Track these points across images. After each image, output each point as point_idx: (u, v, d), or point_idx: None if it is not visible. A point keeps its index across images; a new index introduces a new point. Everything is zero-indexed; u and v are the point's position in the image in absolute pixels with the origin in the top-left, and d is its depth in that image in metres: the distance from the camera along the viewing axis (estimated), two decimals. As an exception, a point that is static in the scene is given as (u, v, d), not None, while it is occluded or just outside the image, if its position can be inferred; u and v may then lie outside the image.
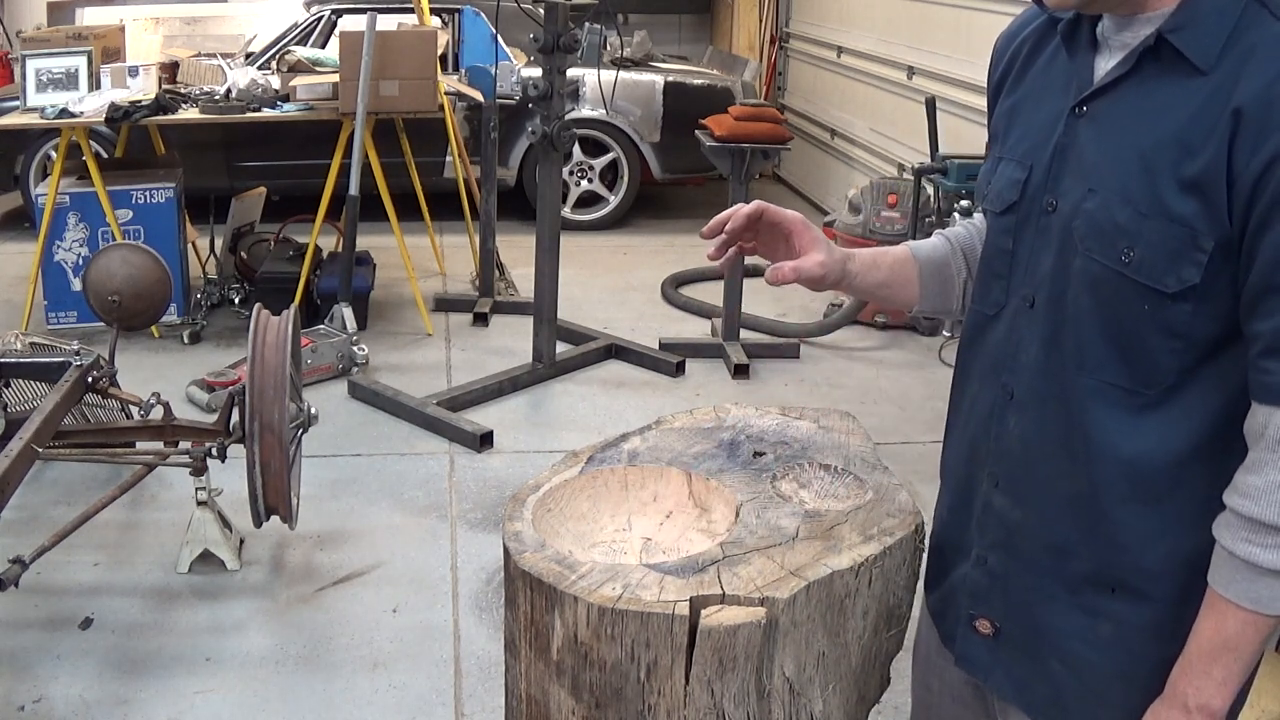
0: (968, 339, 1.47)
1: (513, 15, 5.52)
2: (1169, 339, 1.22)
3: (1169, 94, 1.21)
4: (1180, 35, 1.20)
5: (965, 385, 1.47)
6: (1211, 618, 1.24)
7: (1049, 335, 1.31)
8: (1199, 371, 1.23)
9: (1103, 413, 1.27)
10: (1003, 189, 1.37)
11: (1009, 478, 1.38)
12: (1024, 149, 1.36)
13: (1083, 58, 1.31)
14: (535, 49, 4.60)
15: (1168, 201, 1.19)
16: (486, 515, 3.87)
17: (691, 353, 5.29)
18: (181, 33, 7.08)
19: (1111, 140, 1.25)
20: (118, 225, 5.31)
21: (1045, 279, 1.31)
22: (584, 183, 7.53)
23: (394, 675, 3.04)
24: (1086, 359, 1.27)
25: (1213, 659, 1.24)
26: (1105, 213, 1.23)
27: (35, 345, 4.04)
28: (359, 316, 5.38)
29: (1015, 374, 1.36)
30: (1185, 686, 1.26)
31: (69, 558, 3.45)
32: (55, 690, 2.93)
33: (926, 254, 1.57)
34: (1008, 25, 1.48)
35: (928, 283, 1.56)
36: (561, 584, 1.31)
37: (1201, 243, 1.18)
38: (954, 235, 1.59)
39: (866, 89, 7.33)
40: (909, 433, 4.49)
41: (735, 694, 1.30)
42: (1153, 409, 1.25)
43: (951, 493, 1.51)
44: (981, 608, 1.44)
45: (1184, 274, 1.19)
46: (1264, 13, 1.18)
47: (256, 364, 3.01)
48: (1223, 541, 1.22)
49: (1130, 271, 1.21)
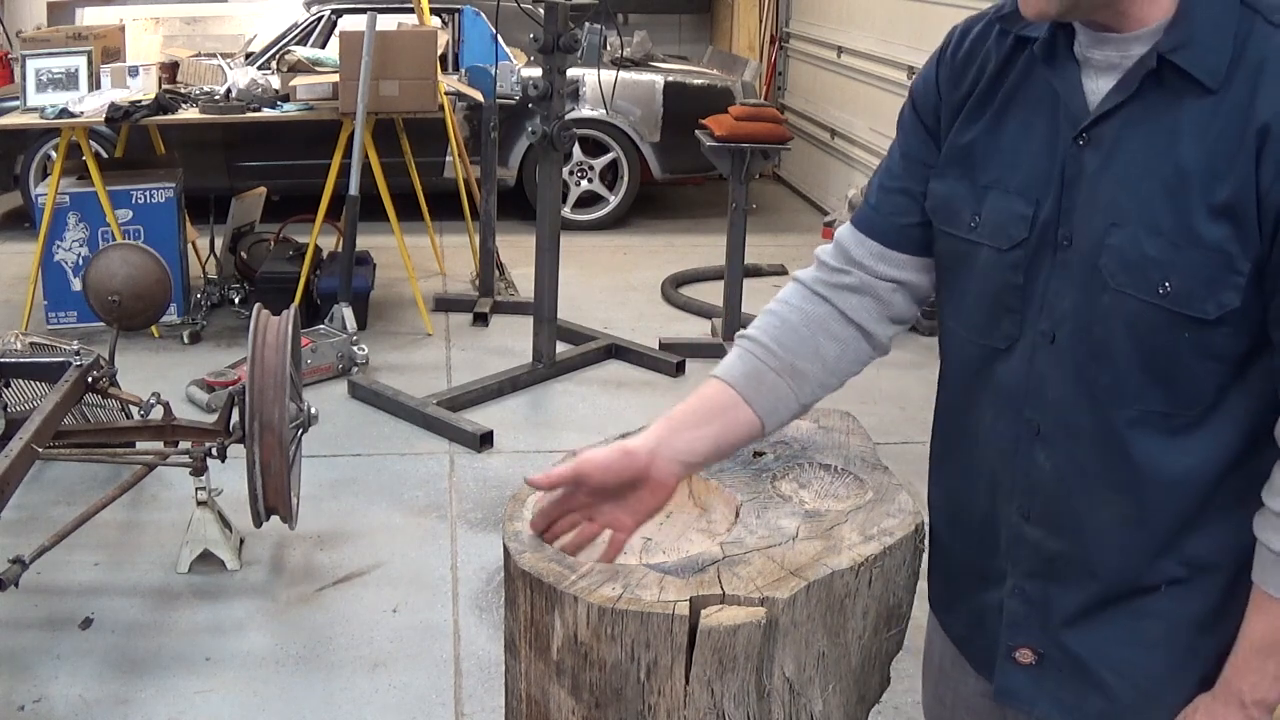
0: (971, 370, 1.39)
1: (513, 15, 5.52)
2: (1210, 362, 1.20)
3: (1180, 117, 1.17)
4: (1183, 55, 1.16)
5: (971, 414, 1.41)
6: (1262, 617, 1.24)
7: (1076, 371, 1.27)
8: (1234, 385, 1.22)
9: (1145, 440, 1.25)
10: (1006, 224, 1.30)
11: (1043, 511, 1.34)
12: (1020, 180, 1.29)
13: (1068, 79, 1.25)
14: (535, 49, 4.60)
15: (1199, 229, 1.16)
16: (486, 515, 3.87)
17: (691, 353, 5.29)
18: (181, 33, 7.08)
19: (1127, 170, 1.20)
20: (118, 225, 5.31)
21: (1067, 315, 1.27)
22: (584, 183, 7.53)
23: (394, 675, 3.04)
24: (1125, 392, 1.24)
25: (1267, 655, 1.24)
26: (1134, 246, 1.19)
27: (35, 345, 4.03)
28: (359, 316, 5.38)
29: (1041, 410, 1.31)
30: (1240, 683, 1.26)
31: (69, 558, 3.45)
32: (55, 690, 2.93)
33: (740, 375, 1.41)
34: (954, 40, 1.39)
35: (764, 404, 1.40)
36: (561, 584, 1.31)
37: (1238, 266, 1.15)
38: (759, 335, 1.43)
39: (866, 89, 7.33)
40: (909, 433, 4.49)
41: (735, 694, 1.30)
42: (1194, 428, 1.23)
43: (970, 522, 1.45)
44: (1021, 638, 1.39)
45: (1224, 299, 1.16)
46: (1260, 21, 1.15)
47: (256, 364, 3.01)
48: (1265, 541, 1.22)
49: (1169, 304, 1.18)
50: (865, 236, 1.44)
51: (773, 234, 7.47)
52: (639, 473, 1.35)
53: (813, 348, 1.42)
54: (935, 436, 1.51)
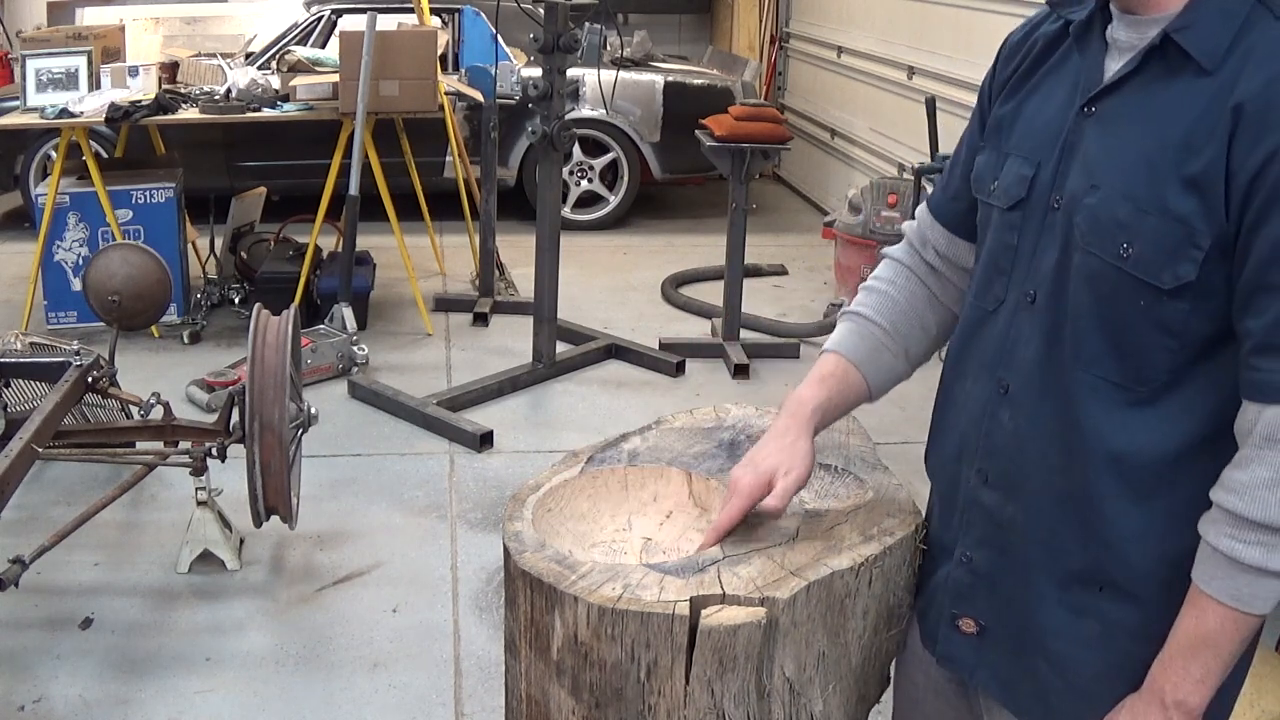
0: (964, 336, 1.46)
1: (513, 15, 5.52)
2: (1164, 336, 1.23)
3: (1174, 94, 1.22)
4: (1186, 35, 1.21)
5: (957, 382, 1.46)
6: (1192, 613, 1.24)
7: (1049, 330, 1.31)
8: (1192, 371, 1.24)
9: (1095, 407, 1.27)
10: (1010, 185, 1.37)
11: (999, 473, 1.38)
12: (1030, 145, 1.36)
13: (1093, 58, 1.32)
14: (535, 49, 4.60)
15: (1168, 199, 1.20)
16: (486, 515, 3.87)
17: (691, 353, 5.29)
18: (181, 33, 7.08)
19: (1116, 138, 1.26)
20: (118, 225, 5.31)
21: (1047, 275, 1.32)
22: (584, 183, 7.53)
23: (394, 675, 3.04)
24: (1083, 353, 1.28)
25: (1192, 655, 1.24)
26: (1106, 208, 1.24)
27: (35, 345, 4.03)
28: (359, 316, 5.38)
29: (1012, 369, 1.36)
30: (1163, 682, 1.26)
31: (69, 558, 3.45)
32: (55, 690, 2.93)
33: (863, 354, 1.55)
34: (1020, 25, 1.49)
35: (877, 380, 1.56)
36: (561, 584, 1.31)
37: (1198, 240, 1.19)
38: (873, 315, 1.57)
39: (866, 89, 7.33)
40: (909, 433, 4.49)
41: (735, 694, 1.30)
42: (1144, 406, 1.26)
43: (938, 492, 1.51)
44: (964, 606, 1.43)
45: (1180, 270, 1.20)
46: (1267, 14, 1.19)
47: (256, 364, 3.01)
48: (1206, 537, 1.22)
49: (1128, 267, 1.22)
50: (936, 221, 1.56)
51: (773, 234, 7.47)
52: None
53: (920, 324, 1.57)
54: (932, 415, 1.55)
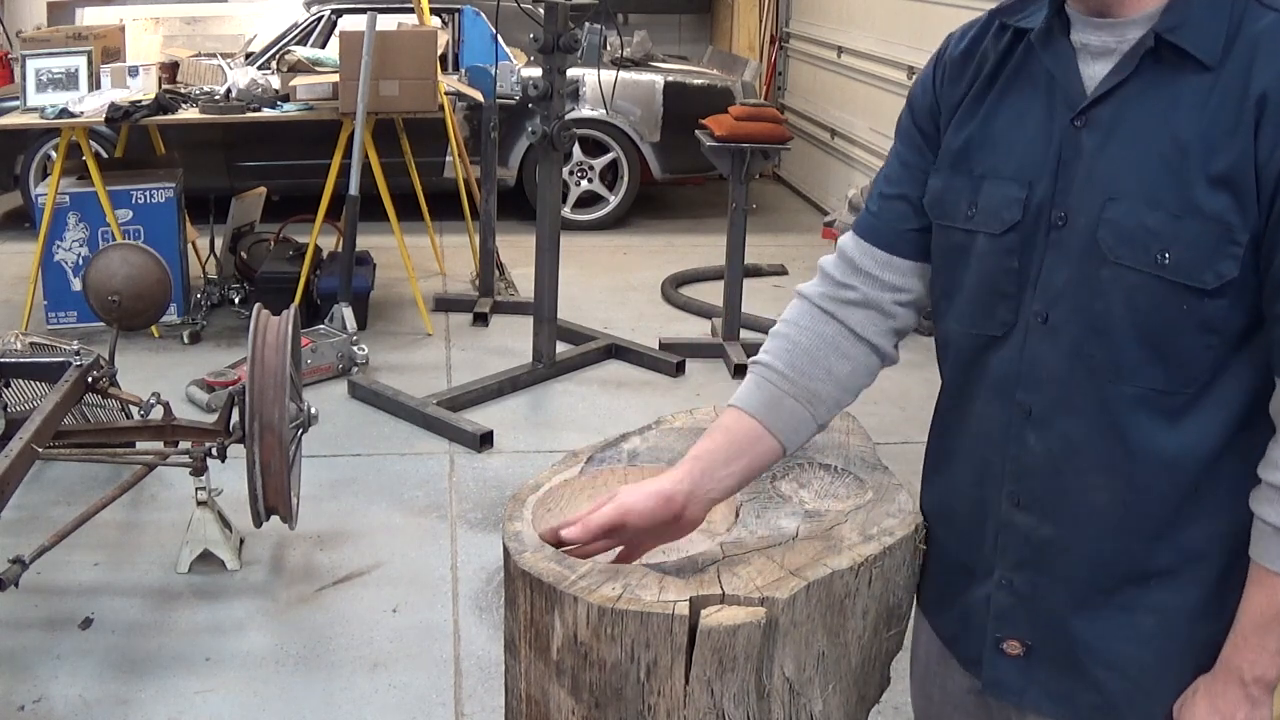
0: (962, 364, 1.41)
1: (513, 15, 5.52)
2: (1206, 335, 1.22)
3: (1177, 93, 1.21)
4: (1181, 34, 1.20)
5: (964, 409, 1.42)
6: (1260, 592, 1.24)
7: (1070, 349, 1.28)
8: (1228, 364, 1.24)
9: (1141, 418, 1.26)
10: (999, 209, 1.32)
11: (1033, 496, 1.35)
12: (1014, 166, 1.31)
13: (1065, 65, 1.28)
14: (535, 49, 4.60)
15: (1199, 200, 1.18)
16: (486, 515, 3.87)
17: (691, 353, 5.29)
18: (181, 33, 7.08)
19: (1125, 146, 1.23)
20: (118, 225, 5.31)
21: (1062, 293, 1.28)
22: (584, 183, 7.53)
23: (394, 675, 3.04)
24: (1123, 368, 1.25)
25: (1265, 631, 1.24)
26: (1133, 219, 1.22)
27: (35, 345, 4.03)
28: (359, 316, 5.38)
29: (1033, 391, 1.32)
30: (1239, 661, 1.26)
31: (69, 558, 3.45)
32: (55, 690, 2.93)
33: (759, 405, 1.43)
34: (954, 38, 1.43)
35: (780, 428, 1.43)
36: (561, 584, 1.31)
37: (1237, 236, 1.18)
38: (773, 361, 1.45)
39: (866, 89, 7.33)
40: (909, 433, 4.49)
41: (735, 694, 1.30)
42: (1190, 408, 1.25)
43: (959, 517, 1.46)
44: (1008, 629, 1.40)
45: (1222, 269, 1.19)
46: (1252, 3, 1.19)
47: (256, 364, 3.01)
48: (1262, 515, 1.23)
49: (1168, 274, 1.20)
50: (868, 244, 1.47)
51: (773, 234, 7.47)
52: (675, 515, 1.39)
53: (825, 368, 1.45)
54: (930, 440, 1.52)
